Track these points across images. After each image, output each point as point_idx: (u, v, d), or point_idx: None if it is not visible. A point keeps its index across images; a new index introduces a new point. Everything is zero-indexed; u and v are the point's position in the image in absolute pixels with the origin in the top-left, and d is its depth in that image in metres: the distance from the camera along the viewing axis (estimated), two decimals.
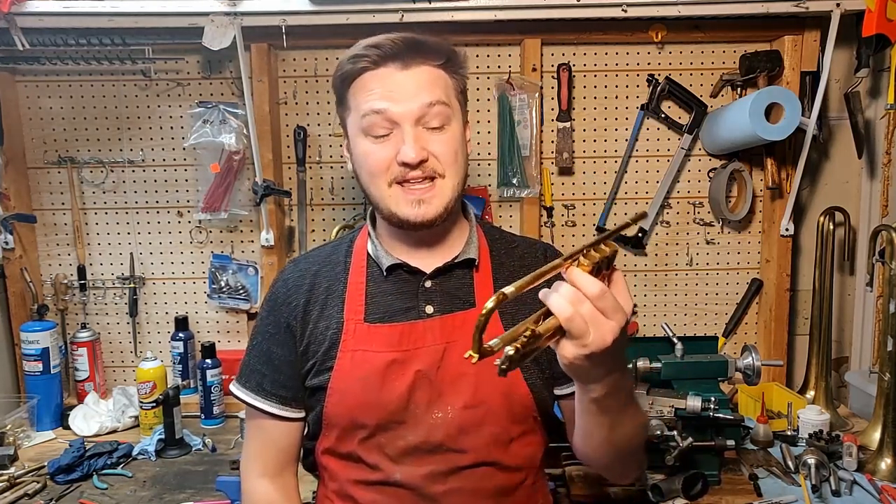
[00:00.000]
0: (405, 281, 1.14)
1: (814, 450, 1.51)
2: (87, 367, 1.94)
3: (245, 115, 1.85)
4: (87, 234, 2.01)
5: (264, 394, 1.16)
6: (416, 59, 1.07)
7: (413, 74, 1.07)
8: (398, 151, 1.05)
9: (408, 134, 1.05)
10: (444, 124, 1.08)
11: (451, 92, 1.11)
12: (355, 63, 1.08)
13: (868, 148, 1.96)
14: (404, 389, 1.07)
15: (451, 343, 1.10)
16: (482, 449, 1.09)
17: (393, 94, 1.05)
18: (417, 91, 1.06)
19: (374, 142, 1.07)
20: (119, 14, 1.73)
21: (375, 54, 1.06)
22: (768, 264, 1.99)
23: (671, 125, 1.97)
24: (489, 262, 1.17)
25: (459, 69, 1.13)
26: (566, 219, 2.00)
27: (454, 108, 1.10)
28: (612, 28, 1.87)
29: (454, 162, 1.09)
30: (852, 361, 2.06)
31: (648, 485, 1.45)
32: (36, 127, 1.97)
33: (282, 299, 1.17)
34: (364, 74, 1.08)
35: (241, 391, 1.19)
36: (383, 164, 1.07)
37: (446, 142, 1.08)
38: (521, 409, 1.11)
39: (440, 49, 1.10)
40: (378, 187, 1.09)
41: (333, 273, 1.17)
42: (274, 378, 1.16)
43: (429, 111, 1.06)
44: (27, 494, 1.50)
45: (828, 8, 1.74)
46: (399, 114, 1.05)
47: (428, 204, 1.07)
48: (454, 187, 1.09)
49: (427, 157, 1.06)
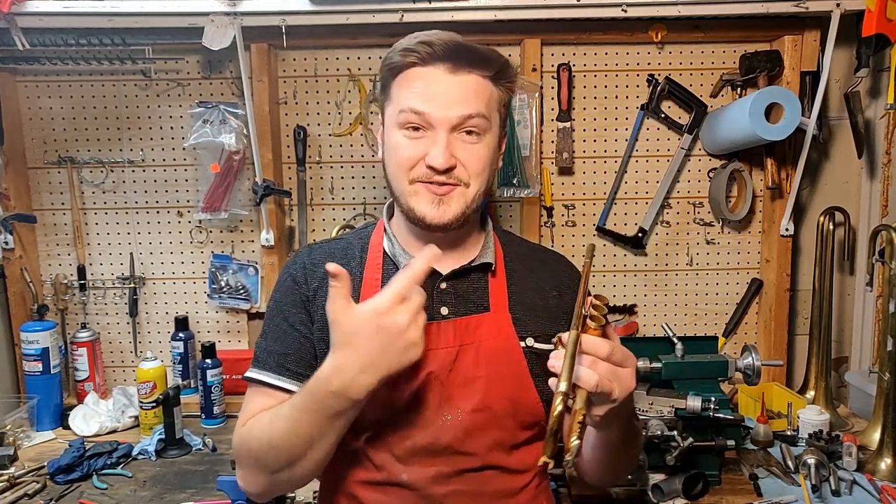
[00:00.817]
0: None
1: (814, 450, 1.52)
2: (86, 367, 1.94)
3: (245, 115, 1.85)
4: (87, 234, 2.01)
5: (288, 373, 1.09)
6: (466, 66, 1.06)
7: (459, 82, 1.06)
8: (427, 153, 1.05)
9: (440, 139, 1.05)
10: (478, 135, 1.08)
11: (494, 104, 1.10)
12: (405, 56, 1.07)
13: (868, 148, 1.97)
14: (415, 390, 1.07)
15: (465, 346, 1.09)
16: (487, 452, 1.08)
17: (435, 98, 1.05)
18: (460, 100, 1.05)
19: (407, 136, 1.07)
20: (119, 14, 1.73)
21: (426, 52, 1.06)
22: (768, 264, 1.99)
23: (671, 125, 1.97)
24: (504, 268, 1.17)
25: (508, 82, 1.12)
26: (566, 219, 2.00)
27: (493, 120, 1.10)
28: (612, 28, 1.87)
29: (480, 174, 1.09)
30: (852, 361, 2.06)
31: (649, 485, 1.45)
32: (36, 127, 1.97)
33: (301, 278, 1.14)
34: (412, 69, 1.07)
35: (260, 374, 1.10)
36: (411, 160, 1.07)
37: (477, 153, 1.08)
38: (529, 416, 1.10)
39: (491, 60, 1.09)
40: (401, 181, 1.09)
41: (348, 268, 1.13)
42: (298, 357, 1.10)
43: (467, 122, 1.06)
44: (27, 494, 1.50)
45: (828, 8, 1.74)
46: (437, 119, 1.05)
47: (447, 205, 1.07)
48: (476, 197, 1.09)
49: (455, 165, 1.06)
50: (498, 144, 1.14)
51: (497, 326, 1.11)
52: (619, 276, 2.03)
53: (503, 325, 1.12)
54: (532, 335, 1.13)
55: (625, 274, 2.03)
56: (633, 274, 2.03)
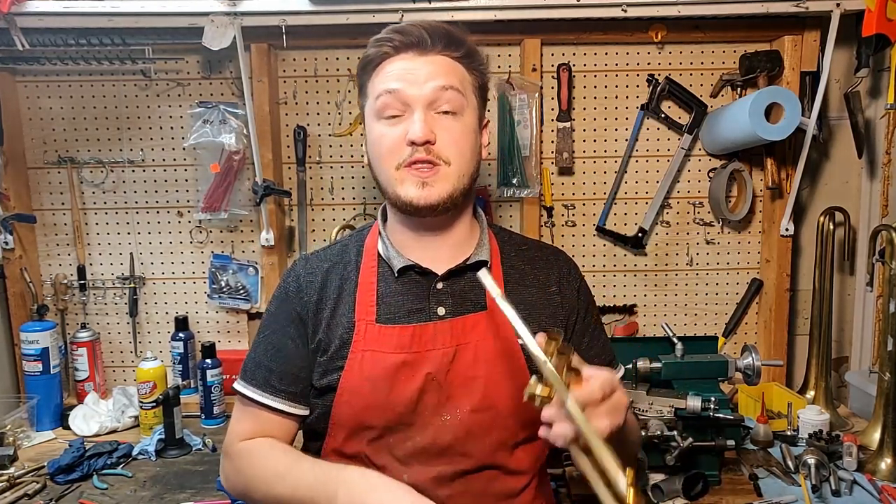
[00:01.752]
0: (417, 282, 1.13)
1: (814, 450, 1.51)
2: (86, 367, 1.94)
3: (245, 115, 1.85)
4: (87, 234, 2.01)
5: (272, 390, 1.14)
6: (436, 48, 1.09)
7: (429, 61, 1.09)
8: (408, 132, 1.07)
9: (417, 116, 1.07)
10: (456, 112, 1.09)
11: (468, 85, 1.12)
12: (379, 46, 1.10)
13: (868, 148, 1.97)
14: (414, 391, 1.07)
15: (462, 345, 1.09)
16: (488, 453, 1.08)
17: (407, 76, 1.08)
18: (433, 76, 1.08)
19: (387, 123, 1.09)
20: (119, 14, 1.73)
21: (398, 39, 1.09)
22: (768, 264, 1.99)
23: (671, 125, 1.97)
24: (500, 265, 1.17)
25: (478, 65, 1.15)
26: (566, 219, 2.00)
27: (468, 98, 1.11)
28: (612, 28, 1.87)
29: (460, 151, 1.09)
30: (852, 361, 2.06)
31: (649, 485, 1.45)
32: (36, 127, 1.97)
33: (294, 292, 1.16)
34: (385, 61, 1.10)
35: (245, 388, 1.16)
36: (394, 144, 1.08)
37: (455, 129, 1.09)
38: (529, 414, 1.10)
39: (459, 41, 1.12)
40: (387, 169, 1.10)
41: (345, 272, 1.16)
42: (283, 373, 1.14)
43: (441, 95, 1.08)
44: (27, 494, 1.50)
45: (828, 8, 1.74)
46: (412, 96, 1.07)
47: (431, 186, 1.07)
48: (460, 177, 1.09)
49: (434, 139, 1.07)
50: (478, 128, 1.14)
51: (495, 325, 1.11)
52: (619, 276, 2.03)
53: (501, 324, 1.11)
54: (531, 331, 1.13)
55: (625, 274, 2.03)
56: (633, 274, 2.03)
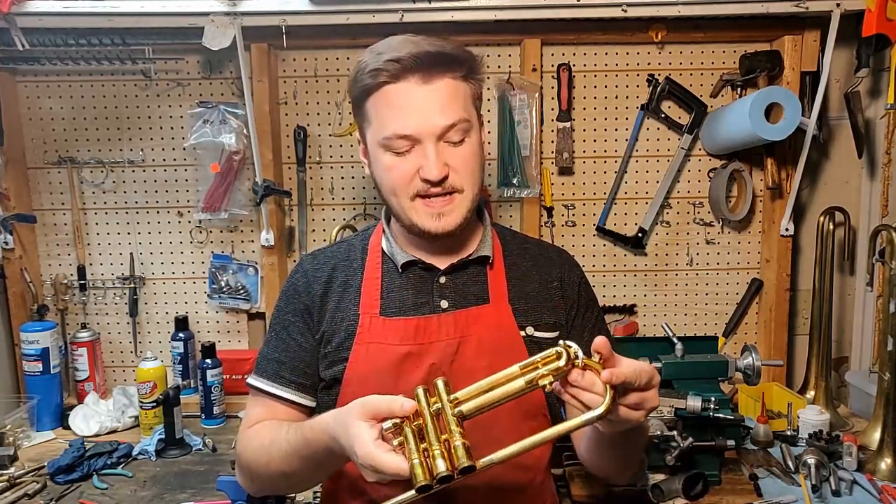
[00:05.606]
0: (420, 277, 1.16)
1: (814, 450, 1.52)
2: (87, 367, 1.94)
3: (245, 115, 1.85)
4: (87, 234, 2.01)
5: (282, 381, 1.16)
6: (437, 73, 1.07)
7: (434, 90, 1.06)
8: (420, 167, 1.07)
9: (430, 152, 1.06)
10: (464, 138, 1.10)
11: (470, 102, 1.12)
12: (375, 77, 1.07)
13: (868, 148, 1.96)
14: (419, 382, 1.07)
15: (466, 337, 1.12)
16: (494, 445, 1.09)
17: (415, 114, 1.06)
18: (440, 110, 1.06)
19: (396, 157, 1.09)
20: (119, 14, 1.73)
21: (395, 68, 1.05)
22: (768, 264, 1.99)
23: (671, 125, 1.97)
24: (502, 261, 1.20)
25: (477, 75, 1.14)
26: (566, 219, 2.00)
27: (473, 119, 1.12)
28: (612, 28, 1.87)
29: (472, 175, 1.11)
30: (852, 361, 2.06)
31: (649, 485, 1.45)
32: (36, 127, 1.97)
33: (301, 287, 1.19)
34: (384, 87, 1.07)
35: (257, 380, 1.19)
36: (405, 178, 1.09)
37: (466, 156, 1.10)
38: (532, 405, 1.12)
39: (460, 59, 1.10)
40: (401, 199, 1.11)
41: (350, 269, 1.19)
42: (293, 366, 1.17)
43: (451, 130, 1.08)
44: (27, 494, 1.50)
45: (828, 8, 1.74)
46: (422, 133, 1.06)
47: (447, 217, 1.10)
48: (473, 199, 1.12)
49: (448, 172, 1.08)
50: (480, 140, 1.15)
51: (498, 317, 1.14)
52: (619, 276, 2.03)
53: (504, 317, 1.14)
54: (533, 325, 1.15)
55: (625, 274, 2.03)
56: (633, 274, 2.03)
